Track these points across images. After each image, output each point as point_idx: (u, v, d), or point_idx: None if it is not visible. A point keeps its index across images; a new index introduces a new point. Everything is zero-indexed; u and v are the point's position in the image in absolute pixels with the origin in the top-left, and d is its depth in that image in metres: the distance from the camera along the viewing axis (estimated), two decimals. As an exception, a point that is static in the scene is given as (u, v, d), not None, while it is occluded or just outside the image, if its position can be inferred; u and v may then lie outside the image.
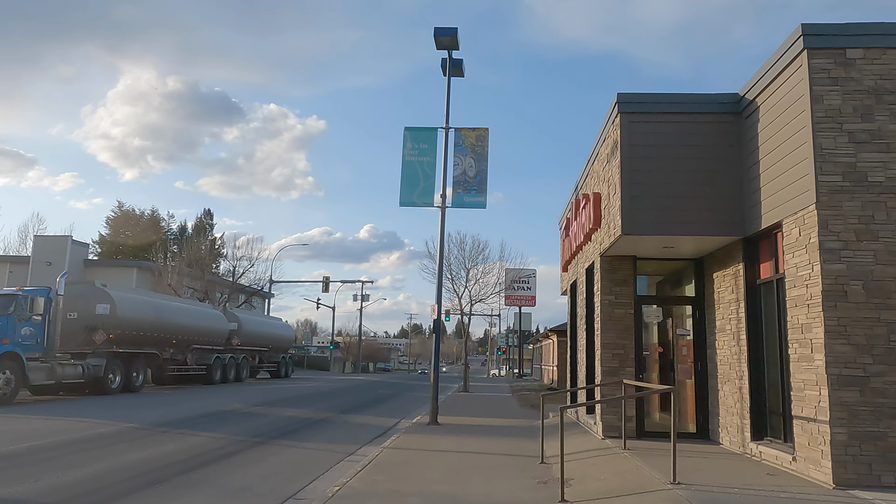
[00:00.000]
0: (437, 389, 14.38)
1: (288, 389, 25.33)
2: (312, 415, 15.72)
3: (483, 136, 15.18)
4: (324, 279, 54.78)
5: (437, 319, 14.40)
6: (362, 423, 14.83)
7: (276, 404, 17.97)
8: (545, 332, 34.72)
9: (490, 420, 15.41)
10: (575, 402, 14.58)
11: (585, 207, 11.63)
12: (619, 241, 9.51)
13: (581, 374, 12.97)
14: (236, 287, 49.37)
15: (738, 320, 9.12)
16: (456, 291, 28.47)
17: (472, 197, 14.92)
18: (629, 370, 10.58)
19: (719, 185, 9.07)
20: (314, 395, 22.95)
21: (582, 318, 12.98)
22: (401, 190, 15.10)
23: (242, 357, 30.00)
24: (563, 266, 15.71)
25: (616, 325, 10.71)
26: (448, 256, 28.70)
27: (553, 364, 33.49)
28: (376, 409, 18.55)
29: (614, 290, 10.81)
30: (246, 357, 30.74)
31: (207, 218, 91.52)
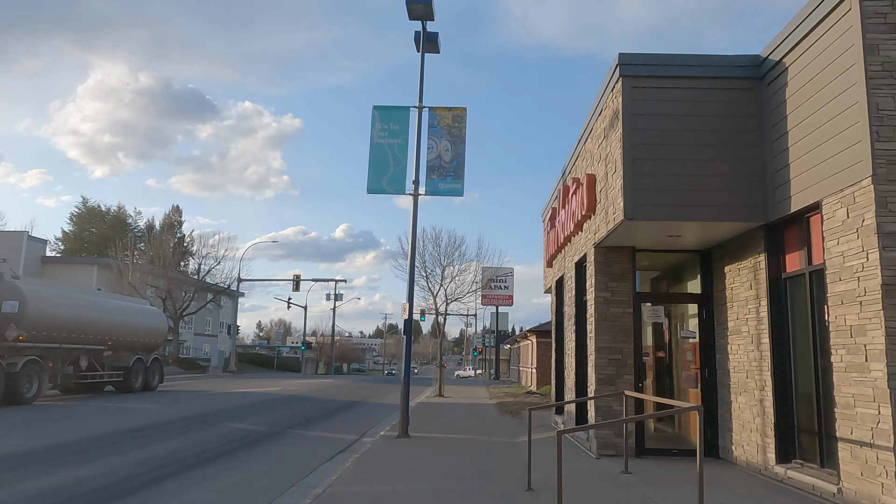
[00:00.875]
0: (408, 396, 12.87)
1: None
2: (260, 428, 14.10)
3: (460, 116, 13.71)
4: (294, 277, 52.85)
5: (408, 319, 12.89)
6: (320, 437, 13.27)
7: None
8: (524, 333, 33.41)
9: (467, 433, 13.95)
10: (562, 411, 13.20)
11: (576, 193, 10.24)
12: (619, 227, 8.11)
13: (570, 381, 11.57)
14: (201, 285, 47.24)
15: (759, 321, 7.79)
16: (431, 290, 26.98)
17: (448, 183, 13.44)
18: (627, 378, 9.19)
19: (737, 161, 7.72)
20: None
21: (570, 319, 11.59)
22: (369, 175, 13.56)
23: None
24: (548, 261, 14.32)
25: (612, 326, 9.31)
26: (422, 253, 27.23)
27: (532, 366, 32.16)
28: (337, 420, 16.97)
29: (610, 287, 9.42)
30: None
31: (176, 215, 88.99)
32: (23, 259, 50.50)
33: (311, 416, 16.56)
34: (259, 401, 20.75)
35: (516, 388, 33.13)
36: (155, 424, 13.54)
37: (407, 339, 13.05)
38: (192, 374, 40.42)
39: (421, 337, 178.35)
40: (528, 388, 31.31)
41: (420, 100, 13.74)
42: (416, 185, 13.36)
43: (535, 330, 31.44)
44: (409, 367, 12.99)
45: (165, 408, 17.20)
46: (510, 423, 15.46)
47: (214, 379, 36.72)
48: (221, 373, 47.73)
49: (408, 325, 12.97)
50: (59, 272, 52.32)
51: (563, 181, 12.31)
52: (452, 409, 19.54)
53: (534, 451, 8.31)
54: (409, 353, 13.07)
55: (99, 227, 76.28)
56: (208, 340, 70.42)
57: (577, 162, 11.03)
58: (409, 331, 12.99)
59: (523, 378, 37.98)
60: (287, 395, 24.42)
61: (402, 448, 10.99)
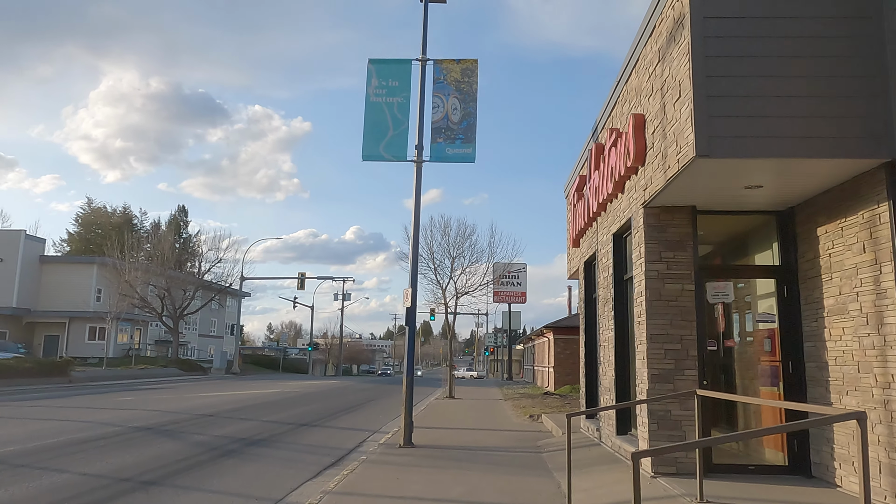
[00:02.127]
0: (412, 399, 10.87)
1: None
2: (242, 436, 12.15)
3: (471, 69, 11.71)
4: (299, 276, 51.02)
5: (411, 307, 10.89)
6: (307, 447, 11.31)
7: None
8: (539, 330, 31.29)
9: (481, 438, 11.92)
10: (594, 415, 11.13)
11: (616, 145, 8.20)
12: (684, 173, 6.07)
13: (606, 379, 9.51)
14: (202, 283, 45.50)
15: (879, 294, 5.72)
16: (439, 283, 24.99)
17: (457, 148, 11.44)
18: (690, 374, 7.14)
19: (850, 78, 5.67)
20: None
21: (607, 303, 9.53)
22: (364, 140, 11.59)
23: None
24: (574, 239, 12.26)
25: (668, 307, 7.26)
26: (430, 243, 25.24)
27: (549, 365, 30.07)
28: (332, 426, 15.00)
29: (665, 258, 7.37)
30: None
31: (182, 215, 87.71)
32: (20, 258, 49.05)
33: (303, 422, 14.59)
34: (251, 404, 18.80)
35: (532, 388, 31.03)
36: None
37: (410, 332, 11.04)
38: (191, 377, 38.66)
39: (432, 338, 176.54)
40: (545, 389, 29.21)
41: (423, 52, 11.77)
42: (420, 150, 11.38)
43: (552, 326, 29.34)
44: (413, 364, 10.99)
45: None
46: (529, 429, 13.41)
47: (211, 381, 34.91)
48: (224, 374, 45.95)
49: (411, 314, 10.97)
50: (57, 272, 50.85)
51: (593, 140, 10.26)
52: (464, 412, 17.53)
53: (559, 466, 6.32)
54: (412, 349, 11.08)
55: (105, 228, 75.09)
56: (213, 342, 68.88)
57: (614, 110, 8.98)
58: (412, 321, 10.99)
59: (539, 378, 35.85)
60: (283, 398, 22.47)
61: (403, 463, 8.98)
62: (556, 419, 13.81)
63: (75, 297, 47.99)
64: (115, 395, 21.96)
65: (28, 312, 48.90)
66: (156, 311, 43.18)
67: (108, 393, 22.95)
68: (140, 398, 20.48)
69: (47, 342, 49.77)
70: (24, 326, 49.12)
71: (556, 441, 10.87)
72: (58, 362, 29.16)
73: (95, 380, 29.94)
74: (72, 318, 47.69)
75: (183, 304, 43.45)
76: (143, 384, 28.74)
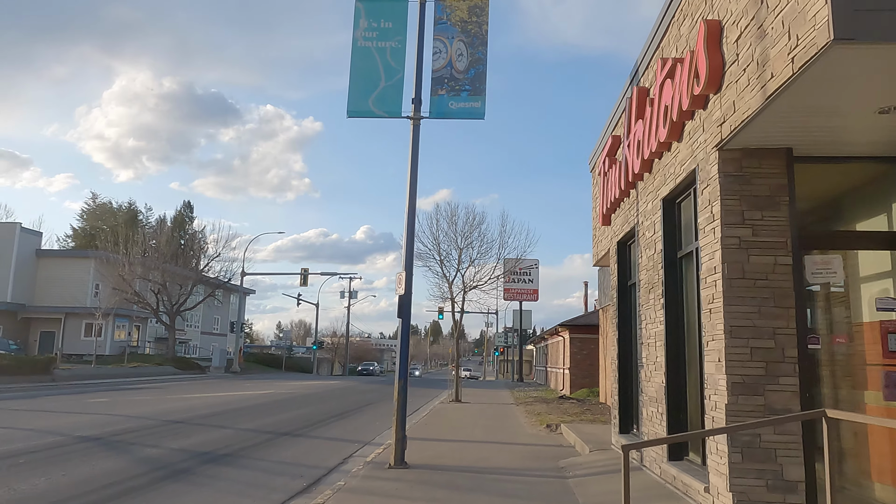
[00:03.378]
0: (406, 408, 8.82)
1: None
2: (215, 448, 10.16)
3: (480, 7, 9.64)
4: (302, 271, 49.14)
5: (404, 296, 8.84)
6: (291, 460, 9.29)
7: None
8: (554, 329, 29.15)
9: (490, 455, 9.85)
10: (630, 427, 9.03)
11: (674, 74, 6.11)
12: (807, 73, 3.97)
13: (651, 386, 7.39)
14: (199, 278, 43.69)
15: None
16: (446, 276, 22.93)
17: (463, 101, 9.38)
18: (787, 383, 5.03)
19: None
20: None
21: (653, 289, 7.42)
22: (349, 92, 9.55)
23: None
24: (603, 217, 10.16)
25: (756, 289, 5.16)
26: (436, 233, 23.18)
27: (564, 367, 27.94)
28: (317, 435, 12.99)
29: (750, 220, 5.26)
30: None
31: (187, 211, 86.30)
32: (15, 252, 47.48)
33: (286, 430, 12.56)
34: (235, 407, 16.81)
35: (545, 391, 28.90)
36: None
37: (403, 325, 8.99)
38: (185, 376, 36.86)
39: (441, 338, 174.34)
40: (560, 392, 27.07)
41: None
42: (417, 104, 9.34)
43: (568, 324, 27.19)
44: (406, 365, 8.93)
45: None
46: (548, 442, 11.32)
47: (205, 381, 33.08)
48: (223, 374, 44.16)
49: (404, 304, 8.93)
50: (54, 266, 49.27)
51: (633, 85, 8.16)
52: (470, 418, 15.46)
53: (597, 494, 4.26)
54: (406, 346, 9.02)
55: (110, 224, 73.74)
56: (217, 339, 67.11)
57: (667, 35, 6.86)
58: (405, 312, 8.94)
59: (552, 380, 33.69)
60: (273, 400, 20.49)
61: (389, 492, 6.93)
62: (578, 430, 11.72)
63: (72, 292, 46.37)
64: (90, 395, 20.10)
65: (23, 308, 47.35)
66: (151, 306, 41.41)
67: (86, 393, 21.11)
68: (115, 400, 18.59)
69: (43, 339, 48.20)
70: (18, 322, 47.57)
71: (584, 462, 8.78)
72: (40, 360, 27.42)
73: (80, 378, 28.16)
74: (67, 314, 46.06)
75: (179, 299, 41.65)
76: (129, 384, 26.92)
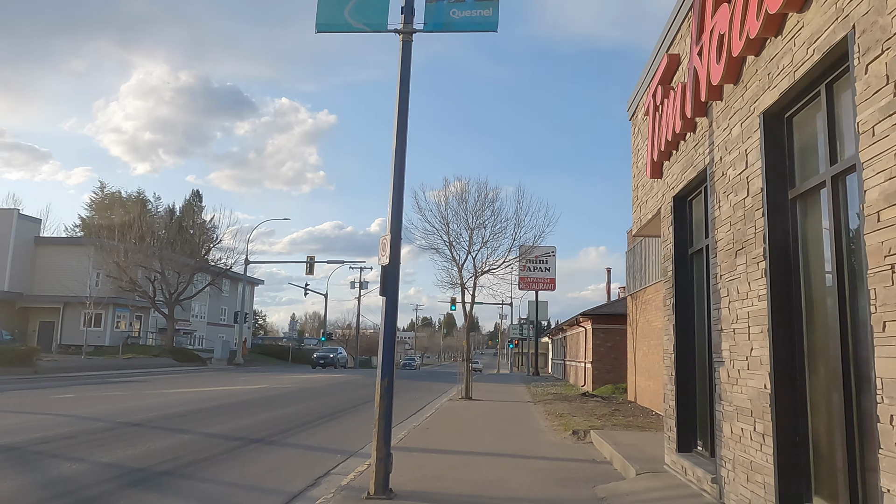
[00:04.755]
0: (391, 417, 6.58)
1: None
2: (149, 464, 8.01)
3: None
4: (308, 259, 47.13)
5: (389, 266, 6.58)
6: (247, 480, 7.11)
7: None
8: (575, 319, 26.79)
9: (503, 475, 7.58)
10: (691, 445, 6.72)
11: None
12: None
13: (744, 391, 5.02)
14: (199, 266, 41.79)
15: None
16: (455, 260, 20.65)
17: (469, 9, 7.06)
18: None
19: None
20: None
21: (747, 248, 5.05)
22: (319, 1, 7.28)
23: None
24: (653, 167, 7.78)
25: None
26: (444, 212, 20.89)
27: (586, 360, 25.58)
28: (294, 444, 10.81)
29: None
30: None
31: (196, 200, 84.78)
32: (12, 238, 45.88)
33: (259, 436, 10.36)
34: (213, 405, 14.66)
35: (564, 386, 26.58)
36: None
37: (389, 304, 6.72)
38: (182, 368, 35.02)
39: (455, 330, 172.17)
40: (581, 388, 24.74)
41: None
42: (408, 13, 7.03)
43: (590, 313, 24.80)
44: (392, 357, 6.68)
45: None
46: (576, 455, 9.02)
47: (200, 374, 31.17)
48: (225, 366, 42.35)
49: (389, 277, 6.67)
50: (53, 253, 47.65)
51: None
52: (481, 421, 13.19)
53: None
54: (391, 332, 6.75)
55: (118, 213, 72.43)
56: (224, 330, 65.41)
57: None
58: (390, 288, 6.68)
59: (571, 375, 31.34)
60: (262, 396, 18.37)
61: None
62: (613, 440, 9.42)
63: (71, 280, 44.74)
64: (61, 390, 18.16)
65: (21, 297, 45.86)
66: (148, 295, 39.59)
67: (59, 387, 19.18)
68: (82, 396, 16.59)
69: (42, 329, 46.68)
70: (17, 312, 46.07)
71: (632, 491, 6.48)
72: (20, 351, 25.59)
73: (66, 371, 26.34)
74: (66, 303, 44.41)
75: (178, 287, 39.80)
76: (114, 377, 25.02)
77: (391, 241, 6.68)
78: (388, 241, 6.70)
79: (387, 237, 6.75)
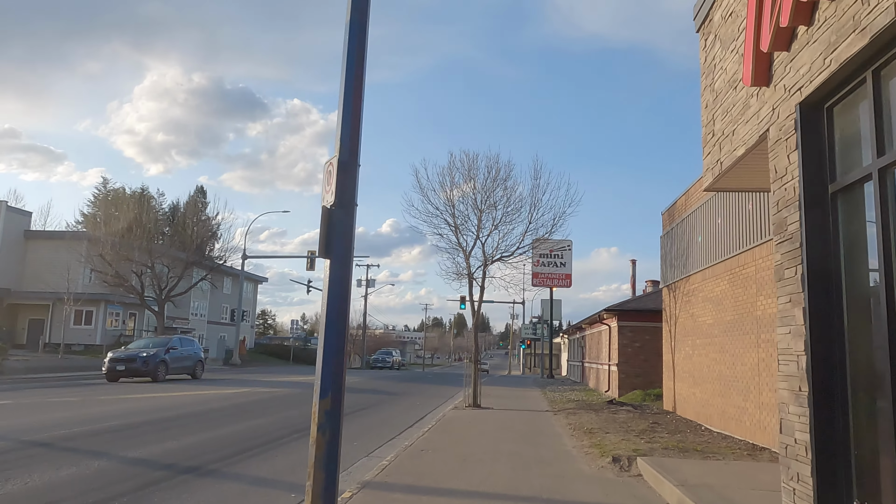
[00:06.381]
0: (335, 463, 3.89)
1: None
2: None
3: None
4: (309, 254, 44.57)
5: (335, 208, 3.94)
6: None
7: None
8: (598, 315, 23.94)
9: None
10: None
11: None
12: None
13: None
14: (192, 260, 39.39)
15: None
16: (462, 247, 17.95)
17: None
18: None
19: None
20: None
21: None
22: None
23: None
24: (756, 68, 5.05)
25: None
26: (449, 193, 18.19)
27: (610, 362, 22.77)
28: (231, 481, 8.15)
29: None
30: None
31: (200, 196, 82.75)
32: (0, 232, 43.79)
33: (198, 462, 7.68)
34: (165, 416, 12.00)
35: (585, 392, 23.77)
36: None
37: (333, 271, 4.03)
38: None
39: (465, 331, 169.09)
40: (605, 394, 21.95)
41: None
42: None
43: (616, 309, 21.97)
44: (341, 349, 3.99)
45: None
46: (625, 495, 6.33)
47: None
48: (220, 366, 39.98)
49: (336, 220, 3.97)
50: (43, 247, 45.43)
51: None
52: (491, 438, 10.42)
53: None
54: (340, 310, 4.05)
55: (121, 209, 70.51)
56: (226, 329, 63.09)
57: None
58: (339, 244, 3.98)
59: (592, 378, 28.50)
60: (233, 404, 15.72)
61: None
62: (676, 475, 6.69)
63: (60, 275, 42.49)
64: (10, 394, 15.72)
65: (9, 293, 43.66)
66: (136, 290, 37.21)
67: (8, 391, 16.76)
68: (23, 402, 14.09)
69: (31, 326, 44.46)
70: (5, 308, 43.89)
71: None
72: (-18, 350, 23.14)
73: (33, 371, 23.94)
74: (56, 299, 42.18)
75: (168, 283, 37.40)
76: (83, 379, 22.57)
77: (338, 167, 4.01)
78: (336, 166, 4.03)
79: (334, 162, 4.08)
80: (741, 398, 10.54)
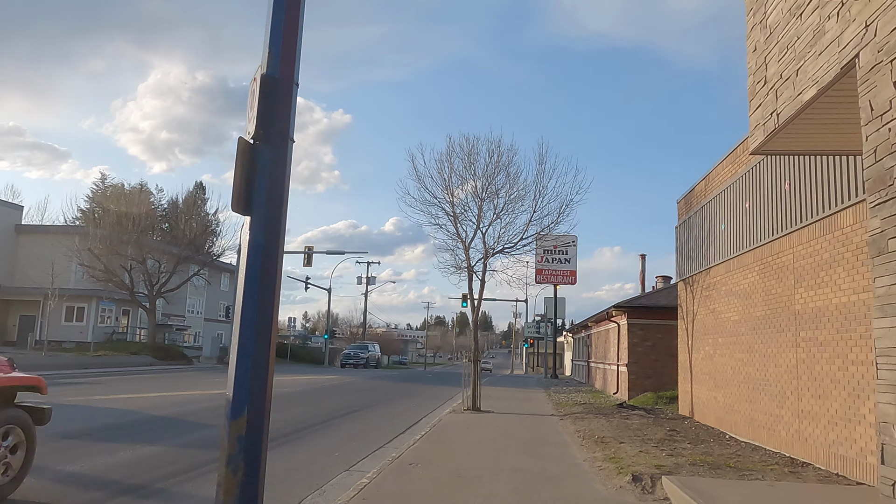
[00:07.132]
0: (258, 497, 2.66)
1: None
2: None
3: None
4: (306, 249, 43.43)
5: (260, 143, 2.75)
6: None
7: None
8: (606, 312, 22.69)
9: None
10: None
11: None
12: None
13: None
14: (184, 255, 38.22)
15: None
16: (461, 238, 16.72)
17: None
18: None
19: None
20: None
21: None
22: None
23: None
24: None
25: None
26: (447, 179, 16.94)
27: (619, 362, 21.50)
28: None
29: None
30: None
31: (199, 191, 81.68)
32: (-10, 225, 42.70)
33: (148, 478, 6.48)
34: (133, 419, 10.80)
35: (592, 394, 22.51)
36: None
37: (254, 234, 2.79)
38: (164, 367, 31.45)
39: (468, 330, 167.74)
40: (614, 397, 20.68)
41: None
42: None
43: (625, 306, 20.69)
44: (268, 338, 2.75)
45: None
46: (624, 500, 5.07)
47: (173, 374, 27.51)
48: (214, 364, 38.80)
49: (260, 156, 2.73)
50: (34, 241, 44.34)
51: None
52: (491, 448, 9.14)
53: None
54: (264, 291, 2.82)
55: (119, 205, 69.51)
56: (223, 327, 61.94)
57: None
58: (264, 184, 2.75)
59: (598, 379, 27.23)
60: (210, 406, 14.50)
61: None
62: (713, 501, 5.44)
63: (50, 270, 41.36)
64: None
65: (0, 289, 42.59)
66: (126, 286, 36.06)
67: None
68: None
69: (23, 323, 43.34)
70: (-4, 305, 42.86)
71: None
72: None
73: (12, 369, 22.71)
74: (47, 295, 41.06)
75: (160, 278, 36.24)
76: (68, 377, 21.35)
77: (262, 84, 2.79)
78: (259, 83, 2.80)
79: (258, 77, 2.85)
80: (774, 404, 9.28)
